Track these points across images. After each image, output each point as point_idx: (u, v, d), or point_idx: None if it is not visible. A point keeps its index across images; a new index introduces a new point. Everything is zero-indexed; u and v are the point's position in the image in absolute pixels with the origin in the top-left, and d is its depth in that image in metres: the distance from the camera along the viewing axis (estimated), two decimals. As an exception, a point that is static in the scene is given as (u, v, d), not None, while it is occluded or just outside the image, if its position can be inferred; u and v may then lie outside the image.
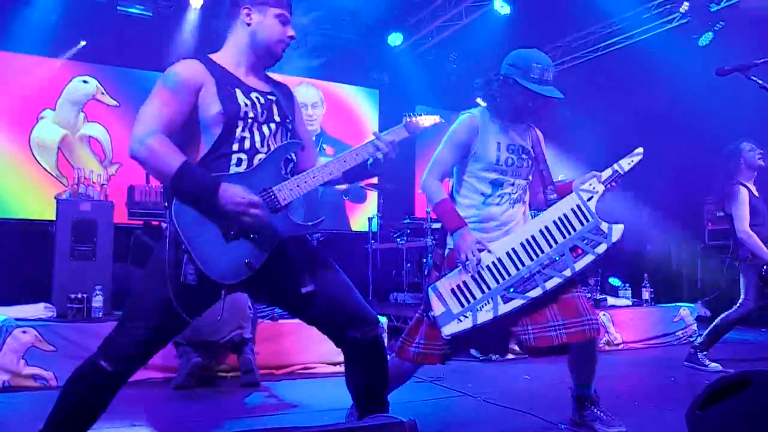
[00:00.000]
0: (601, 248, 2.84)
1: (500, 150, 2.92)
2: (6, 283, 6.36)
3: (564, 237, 2.85)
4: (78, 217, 4.79)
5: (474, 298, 2.79)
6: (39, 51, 7.43)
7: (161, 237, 2.21)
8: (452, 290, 2.80)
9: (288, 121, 2.34)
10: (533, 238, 2.86)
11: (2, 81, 7.32)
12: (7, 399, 3.76)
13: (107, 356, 2.09)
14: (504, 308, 2.77)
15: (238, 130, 2.18)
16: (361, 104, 9.79)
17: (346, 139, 9.34)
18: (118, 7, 7.75)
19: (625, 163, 2.97)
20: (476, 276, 2.79)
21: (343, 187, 5.48)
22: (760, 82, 2.67)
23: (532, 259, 2.82)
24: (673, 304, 6.65)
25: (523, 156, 2.99)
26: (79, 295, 4.50)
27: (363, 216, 8.96)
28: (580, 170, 7.92)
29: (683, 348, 5.26)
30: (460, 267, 2.81)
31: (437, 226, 6.95)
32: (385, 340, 4.16)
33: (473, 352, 5.21)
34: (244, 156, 2.18)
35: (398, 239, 7.51)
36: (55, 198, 5.13)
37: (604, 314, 5.98)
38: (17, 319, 4.12)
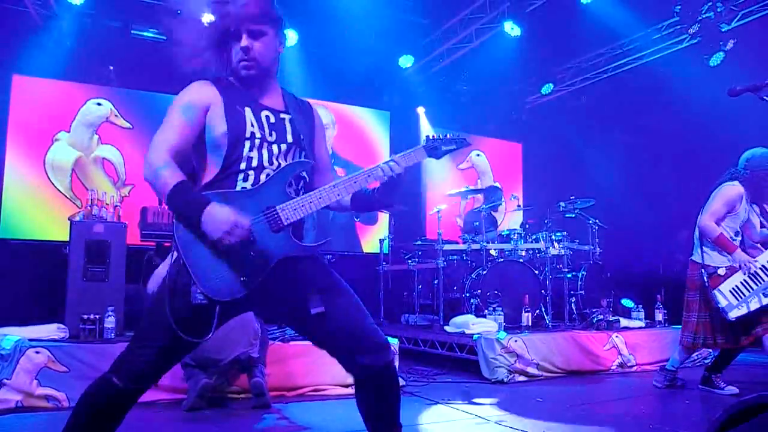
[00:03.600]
0: None
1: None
2: (20, 304, 6.41)
3: None
4: (91, 239, 4.82)
5: (745, 294, 4.33)
6: (54, 74, 7.53)
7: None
8: (731, 290, 4.34)
9: (302, 140, 2.29)
10: None
11: (18, 104, 7.43)
12: (20, 419, 3.76)
13: (119, 373, 2.08)
14: (765, 301, 4.29)
15: (245, 149, 2.16)
16: (372, 126, 9.83)
17: (358, 161, 9.37)
18: (132, 31, 7.88)
19: None
20: (747, 280, 4.34)
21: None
22: (773, 102, 2.67)
23: None
24: (688, 326, 6.57)
25: None
26: (92, 316, 4.51)
27: (374, 237, 8.96)
28: (591, 190, 7.93)
29: (698, 370, 5.19)
30: (737, 274, 4.35)
31: (448, 247, 6.96)
32: (396, 362, 4.14)
33: (485, 373, 5.18)
34: (251, 172, 2.16)
35: (409, 261, 7.49)
36: (68, 219, 5.17)
37: (616, 336, 5.93)
38: (31, 340, 4.13)
